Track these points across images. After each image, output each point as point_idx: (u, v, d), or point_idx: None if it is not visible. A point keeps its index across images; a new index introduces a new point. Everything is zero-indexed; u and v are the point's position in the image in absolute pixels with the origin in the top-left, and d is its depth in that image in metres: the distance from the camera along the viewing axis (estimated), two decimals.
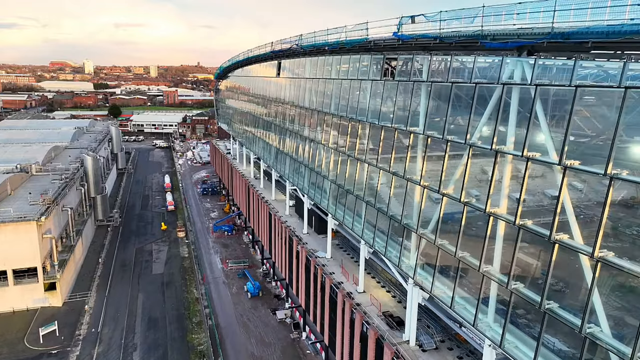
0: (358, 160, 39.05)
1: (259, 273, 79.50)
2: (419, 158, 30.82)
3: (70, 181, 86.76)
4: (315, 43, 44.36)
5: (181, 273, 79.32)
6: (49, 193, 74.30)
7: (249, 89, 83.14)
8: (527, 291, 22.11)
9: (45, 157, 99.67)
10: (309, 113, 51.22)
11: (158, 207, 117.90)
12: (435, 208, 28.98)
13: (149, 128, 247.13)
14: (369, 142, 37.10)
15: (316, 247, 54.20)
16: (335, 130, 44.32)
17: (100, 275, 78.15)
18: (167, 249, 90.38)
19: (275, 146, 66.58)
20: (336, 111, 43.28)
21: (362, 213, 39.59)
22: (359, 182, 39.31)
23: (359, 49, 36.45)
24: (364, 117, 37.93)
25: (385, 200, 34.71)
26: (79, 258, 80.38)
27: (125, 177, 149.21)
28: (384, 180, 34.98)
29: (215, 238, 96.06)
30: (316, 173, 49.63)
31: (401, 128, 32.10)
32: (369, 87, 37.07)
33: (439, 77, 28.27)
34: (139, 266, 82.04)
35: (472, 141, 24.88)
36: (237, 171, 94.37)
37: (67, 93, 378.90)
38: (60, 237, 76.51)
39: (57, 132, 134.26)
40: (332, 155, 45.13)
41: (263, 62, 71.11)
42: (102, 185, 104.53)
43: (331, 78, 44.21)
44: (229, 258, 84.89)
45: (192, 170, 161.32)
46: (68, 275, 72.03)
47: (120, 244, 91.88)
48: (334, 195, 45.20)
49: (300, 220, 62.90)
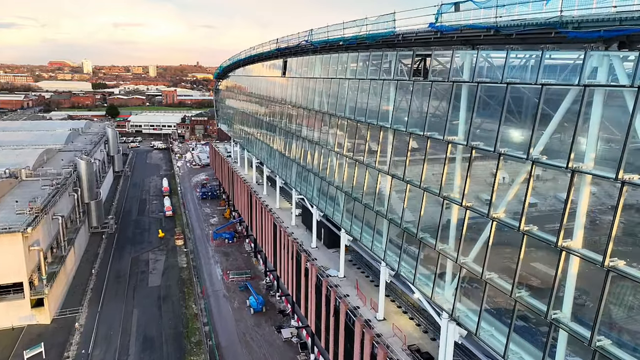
0: (379, 171, 34.27)
1: (261, 285, 74.68)
2: (459, 173, 26.06)
3: (62, 187, 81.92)
4: (329, 39, 39.52)
5: (179, 285, 74.48)
6: (37, 201, 69.49)
7: (251, 90, 78.29)
8: (615, 349, 17.34)
9: (37, 161, 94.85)
10: (319, 116, 46.43)
11: (155, 212, 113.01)
12: (480, 233, 24.19)
13: (147, 129, 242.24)
14: (392, 151, 32.29)
15: (327, 263, 49.41)
16: (350, 136, 39.53)
17: (93, 288, 73.28)
18: (165, 258, 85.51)
19: (280, 151, 61.77)
20: (352, 115, 38.47)
21: (383, 231, 34.80)
22: (380, 197, 34.54)
23: (382, 44, 31.65)
24: (387, 122, 33.16)
25: (414, 219, 29.93)
26: (70, 269, 75.52)
27: (122, 180, 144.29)
28: (412, 196, 30.18)
29: (215, 246, 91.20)
30: (327, 183, 44.84)
31: (435, 137, 27.32)
32: (393, 88, 32.28)
33: (485, 77, 23.49)
34: (134, 278, 77.18)
35: (535, 156, 20.11)
36: (239, 176, 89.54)
37: (64, 93, 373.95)
38: (50, 248, 71.68)
39: (51, 134, 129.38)
40: (346, 163, 40.34)
41: (267, 61, 66.27)
42: (97, 191, 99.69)
43: (347, 78, 39.36)
44: (229, 269, 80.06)
45: (191, 173, 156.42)
46: (58, 290, 67.16)
47: (115, 253, 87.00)
48: (349, 209, 40.39)
49: (307, 232, 58.11)
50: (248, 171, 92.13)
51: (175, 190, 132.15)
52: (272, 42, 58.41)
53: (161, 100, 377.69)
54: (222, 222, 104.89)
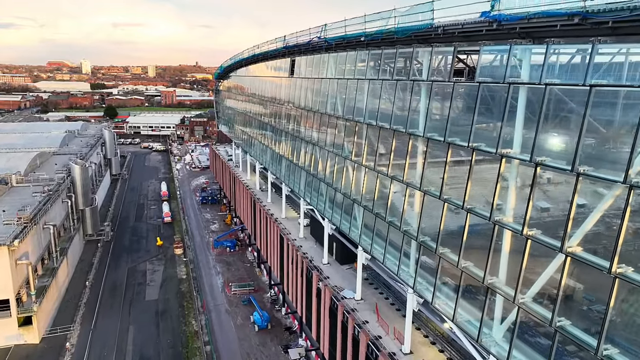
0: (407, 185, 29.82)
1: (266, 299, 70.23)
2: (514, 191, 21.67)
3: (55, 194, 77.43)
4: (346, 34, 35.06)
5: (178, 299, 69.99)
6: (27, 209, 64.93)
7: (254, 90, 73.78)
8: None
9: (29, 166, 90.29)
10: (333, 121, 42.00)
11: (154, 218, 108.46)
12: (544, 267, 19.79)
13: (145, 130, 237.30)
14: (425, 162, 27.86)
15: (340, 281, 44.96)
16: (371, 144, 35.11)
17: (87, 302, 68.77)
18: (163, 268, 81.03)
19: (287, 157, 57.31)
20: (373, 120, 34.05)
21: (412, 254, 30.39)
22: (409, 215, 30.09)
23: (413, 39, 27.23)
24: (417, 129, 28.73)
25: (454, 246, 25.50)
26: (62, 282, 71.01)
27: (120, 184, 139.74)
28: (450, 217, 25.76)
29: (216, 255, 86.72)
30: (342, 194, 40.38)
31: (482, 149, 22.90)
32: (425, 91, 27.85)
33: (556, 79, 19.04)
34: (130, 290, 72.67)
35: (635, 180, 15.68)
36: (241, 182, 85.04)
37: (62, 93, 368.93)
38: (40, 259, 67.20)
39: (46, 136, 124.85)
40: (365, 174, 35.91)
41: (273, 60, 61.80)
42: (92, 197, 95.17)
43: (367, 79, 34.89)
44: (232, 280, 75.58)
45: (191, 176, 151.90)
46: (48, 305, 62.65)
47: (111, 263, 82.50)
48: (369, 225, 35.94)
49: (317, 246, 53.67)
50: (251, 176, 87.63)
51: (174, 195, 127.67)
52: (279, 40, 53.98)
53: (160, 100, 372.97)
54: (223, 229, 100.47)
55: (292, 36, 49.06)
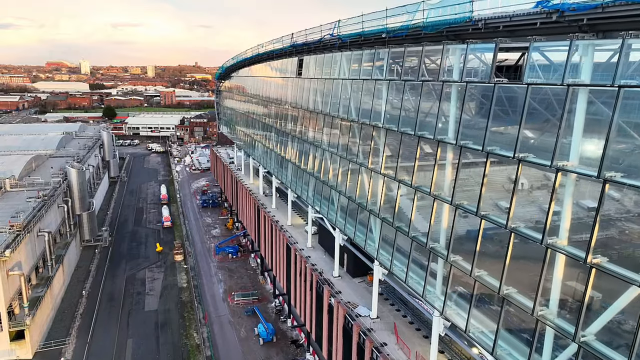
0: (435, 198, 26.81)
1: (270, 309, 67.18)
2: (569, 209, 18.67)
3: (50, 199, 74.41)
4: (364, 31, 32.03)
5: (179, 309, 66.93)
6: (20, 216, 61.91)
7: (258, 92, 70.73)
8: None
9: (24, 169, 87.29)
10: (346, 125, 39.02)
11: (153, 222, 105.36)
12: (612, 298, 16.81)
13: (144, 131, 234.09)
14: (457, 172, 24.85)
15: (353, 297, 41.96)
16: (391, 151, 32.11)
17: (83, 313, 65.70)
18: (163, 276, 77.98)
19: (294, 161, 54.31)
20: (394, 125, 31.03)
21: (438, 273, 27.41)
22: (436, 231, 27.09)
23: (446, 34, 24.24)
24: (446, 135, 25.75)
25: (494, 269, 22.52)
26: (57, 292, 67.91)
27: (118, 186, 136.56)
28: (489, 236, 22.77)
29: (218, 262, 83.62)
30: (357, 204, 37.36)
31: (530, 160, 19.93)
32: (457, 93, 24.86)
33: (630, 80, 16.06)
34: (129, 300, 69.60)
35: None
36: (243, 186, 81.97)
37: (61, 94, 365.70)
38: (34, 268, 64.18)
39: (42, 138, 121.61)
40: (384, 184, 32.90)
41: (278, 60, 58.76)
42: (90, 201, 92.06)
43: (386, 79, 31.84)
44: (234, 289, 72.52)
45: (191, 178, 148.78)
46: (42, 317, 59.59)
47: (109, 271, 79.42)
48: (388, 240, 32.92)
49: (327, 256, 50.68)
50: (253, 180, 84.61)
51: (174, 198, 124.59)
52: (285, 38, 50.96)
53: (159, 101, 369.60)
54: (225, 234, 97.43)
55: (300, 34, 46.03)
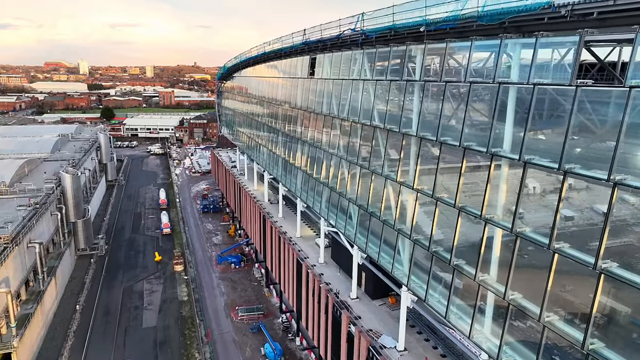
0: (487, 222, 22.52)
1: (277, 325, 62.87)
2: None
3: (42, 206, 70.06)
4: (396, 24, 27.74)
5: (179, 326, 62.57)
6: (8, 227, 57.55)
7: (263, 93, 66.36)
8: None
9: (16, 175, 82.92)
10: (368, 131, 34.74)
11: (152, 229, 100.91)
12: None
13: (143, 132, 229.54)
14: (520, 193, 20.56)
15: (374, 322, 37.69)
16: (425, 164, 27.83)
17: (77, 330, 61.32)
18: (162, 288, 73.60)
19: (304, 169, 50.01)
20: (429, 133, 26.75)
21: (490, 312, 23.13)
22: (486, 260, 22.82)
23: (509, 25, 19.97)
24: (500, 147, 21.50)
25: (575, 317, 18.23)
26: (49, 307, 63.50)
27: (116, 190, 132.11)
28: (570, 272, 18.52)
29: (220, 272, 79.26)
30: (382, 221, 33.07)
31: (628, 183, 15.66)
32: (514, 95, 20.61)
33: None
34: (126, 315, 65.23)
35: None
36: (247, 193, 77.57)
37: (59, 94, 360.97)
38: (24, 282, 59.83)
39: (37, 140, 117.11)
40: (416, 200, 28.61)
41: (286, 59, 54.43)
42: (85, 207, 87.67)
43: (424, 80, 27.50)
44: (238, 302, 68.20)
45: (191, 182, 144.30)
46: (32, 337, 55.20)
47: (105, 282, 75.04)
48: (422, 266, 28.61)
49: (341, 273, 46.40)
50: (258, 186, 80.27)
51: (173, 202, 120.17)
52: (297, 35, 46.63)
53: (158, 101, 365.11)
54: (227, 241, 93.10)
55: (314, 30, 41.70)
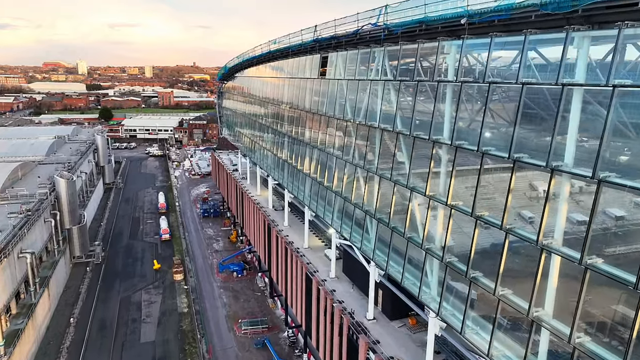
0: (544, 249, 19.07)
1: (282, 340, 59.45)
2: None
3: (35, 213, 66.57)
4: (427, 17, 24.32)
5: (179, 341, 59.09)
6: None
7: (268, 95, 62.90)
8: None
9: (8, 179, 79.57)
10: (388, 137, 31.32)
11: (150, 235, 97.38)
12: None
13: (142, 133, 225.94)
14: (548, 204, 17.13)
15: (394, 347, 34.26)
16: (461, 175, 24.41)
17: (70, 346, 57.78)
18: (161, 299, 70.11)
19: (313, 176, 46.56)
20: (466, 143, 23.34)
21: (545, 346, 19.71)
22: (540, 295, 19.36)
23: (582, 16, 16.62)
24: (561, 161, 18.07)
25: None
26: (42, 321, 60.00)
27: (113, 194, 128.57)
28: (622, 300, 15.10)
29: (221, 281, 75.80)
30: (407, 239, 29.61)
31: None
32: (580, 97, 17.22)
33: None
34: (122, 329, 61.72)
35: None
36: (250, 198, 74.06)
37: (57, 95, 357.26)
38: (15, 295, 56.35)
39: (32, 143, 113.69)
40: (450, 217, 25.16)
41: (293, 58, 50.96)
42: (81, 213, 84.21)
43: (459, 81, 24.08)
44: (241, 315, 64.77)
45: (190, 184, 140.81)
46: (22, 355, 51.73)
47: (101, 293, 71.52)
48: (459, 294, 25.15)
49: (354, 290, 42.97)
50: (261, 191, 76.78)
51: (172, 206, 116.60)
52: (307, 32, 43.19)
53: (157, 101, 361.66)
54: (228, 248, 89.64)
55: (327, 26, 38.25)
